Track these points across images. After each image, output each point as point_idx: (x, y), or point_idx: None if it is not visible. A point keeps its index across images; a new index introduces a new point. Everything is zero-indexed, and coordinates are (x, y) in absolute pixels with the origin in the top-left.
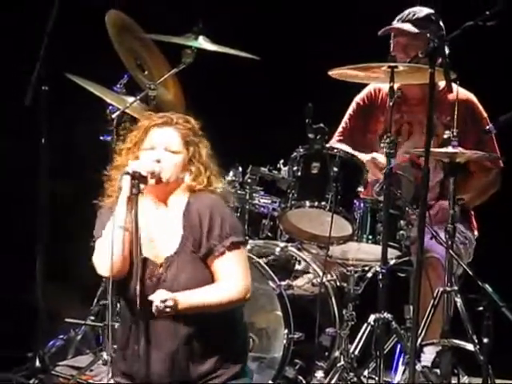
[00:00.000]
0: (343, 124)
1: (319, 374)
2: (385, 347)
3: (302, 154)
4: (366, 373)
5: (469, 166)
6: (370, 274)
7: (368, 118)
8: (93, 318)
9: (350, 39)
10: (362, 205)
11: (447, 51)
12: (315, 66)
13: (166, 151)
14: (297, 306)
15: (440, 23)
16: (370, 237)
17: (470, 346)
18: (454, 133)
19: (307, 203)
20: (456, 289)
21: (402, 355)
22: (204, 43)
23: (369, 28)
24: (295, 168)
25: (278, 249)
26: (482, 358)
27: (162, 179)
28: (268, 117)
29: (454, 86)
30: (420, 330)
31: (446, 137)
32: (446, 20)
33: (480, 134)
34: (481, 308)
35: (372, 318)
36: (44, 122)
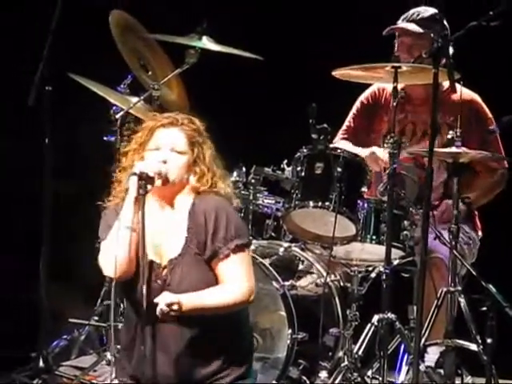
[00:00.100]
0: (347, 123)
1: (323, 374)
2: (388, 347)
3: (305, 154)
4: (369, 373)
5: (474, 166)
6: (373, 275)
7: (372, 117)
8: (96, 318)
9: (350, 39)
10: (366, 205)
11: (451, 51)
12: (317, 67)
13: (171, 152)
14: (300, 306)
15: (444, 23)
16: (374, 237)
17: (473, 347)
18: (457, 133)
19: (311, 203)
20: (460, 289)
21: (406, 355)
22: (208, 43)
23: (369, 28)
24: (299, 168)
25: (282, 249)
26: (485, 358)
27: (168, 180)
28: (272, 117)
29: (458, 87)
30: (424, 331)
31: (449, 137)
32: (450, 20)
33: (484, 134)
34: (484, 308)
35: (376, 318)
36: (47, 122)
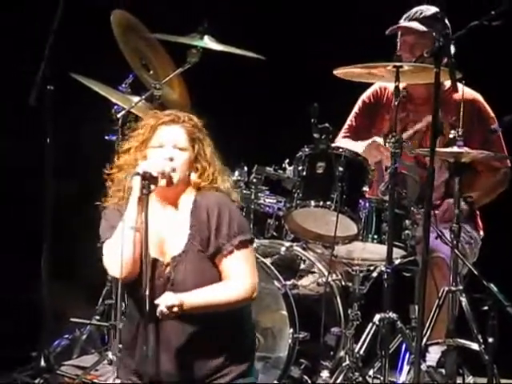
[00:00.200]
0: (349, 122)
1: (324, 373)
2: (390, 347)
3: (307, 153)
4: (371, 372)
5: (476, 166)
6: (375, 274)
7: (374, 116)
8: (98, 317)
9: (350, 39)
10: (368, 204)
11: (453, 51)
12: (318, 66)
13: (174, 149)
14: (302, 305)
15: (446, 22)
16: (376, 236)
17: (475, 346)
18: (459, 132)
19: (312, 203)
20: (461, 288)
21: (407, 355)
22: (209, 43)
23: (369, 28)
24: (300, 168)
25: (284, 248)
26: (487, 357)
27: (172, 182)
28: (273, 116)
29: (460, 86)
30: (425, 330)
31: (451, 136)
32: (452, 19)
33: (486, 133)
34: (486, 308)
35: (377, 317)
36: (49, 121)
